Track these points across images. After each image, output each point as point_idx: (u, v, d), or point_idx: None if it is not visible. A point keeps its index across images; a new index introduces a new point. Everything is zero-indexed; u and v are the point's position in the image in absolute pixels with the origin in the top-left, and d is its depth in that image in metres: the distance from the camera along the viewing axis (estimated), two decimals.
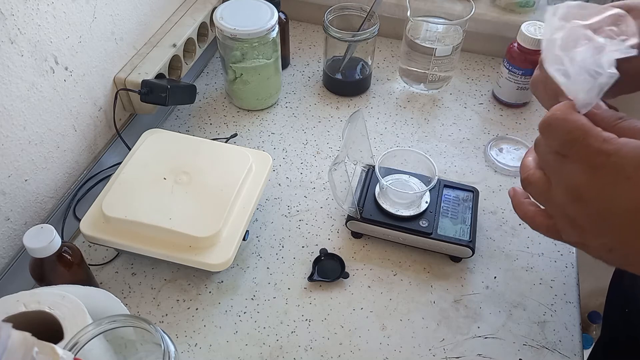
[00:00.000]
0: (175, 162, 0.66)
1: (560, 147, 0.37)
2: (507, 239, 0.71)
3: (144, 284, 0.66)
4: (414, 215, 0.67)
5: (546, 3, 0.93)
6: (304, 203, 0.75)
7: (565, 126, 0.36)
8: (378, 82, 0.93)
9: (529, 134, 0.84)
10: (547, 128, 0.38)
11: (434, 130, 0.85)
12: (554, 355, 0.60)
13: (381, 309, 0.64)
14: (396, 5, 0.94)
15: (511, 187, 0.46)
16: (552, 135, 0.37)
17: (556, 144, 0.37)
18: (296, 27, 1.03)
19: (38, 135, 0.64)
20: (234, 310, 0.64)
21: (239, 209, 0.64)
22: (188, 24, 0.85)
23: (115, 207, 0.61)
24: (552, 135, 0.37)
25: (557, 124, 0.37)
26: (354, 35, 0.83)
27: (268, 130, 0.85)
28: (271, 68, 0.83)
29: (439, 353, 0.60)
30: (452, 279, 0.67)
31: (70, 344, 0.41)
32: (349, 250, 0.70)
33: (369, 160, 0.74)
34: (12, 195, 0.62)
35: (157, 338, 0.42)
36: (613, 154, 0.33)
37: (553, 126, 0.37)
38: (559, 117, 0.37)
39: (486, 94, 0.91)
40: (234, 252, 0.61)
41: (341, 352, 0.60)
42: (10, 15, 0.56)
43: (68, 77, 0.67)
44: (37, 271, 0.55)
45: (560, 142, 0.37)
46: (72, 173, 0.72)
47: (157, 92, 0.74)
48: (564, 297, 0.65)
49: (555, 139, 0.37)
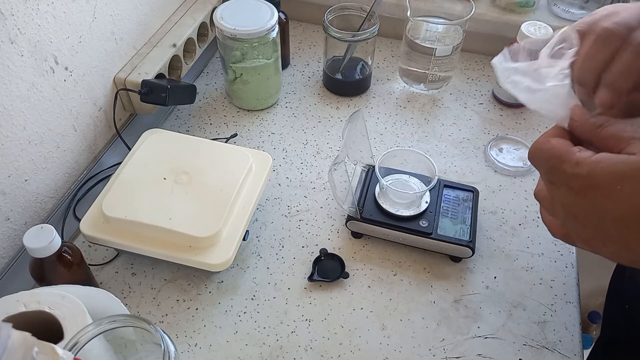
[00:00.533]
0: (175, 162, 0.66)
1: (545, 175, 0.39)
2: (507, 239, 0.71)
3: (144, 284, 0.66)
4: (414, 215, 0.67)
5: (546, 3, 0.93)
6: (304, 203, 0.75)
7: (542, 155, 0.38)
8: (378, 82, 0.93)
9: (529, 134, 0.84)
10: (531, 158, 0.40)
11: (434, 130, 0.85)
12: (554, 355, 0.60)
13: (381, 309, 0.64)
14: (396, 5, 0.94)
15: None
16: (536, 164, 0.40)
17: (542, 172, 0.39)
18: (296, 27, 1.03)
19: (38, 135, 0.64)
20: (234, 310, 0.64)
21: (239, 209, 0.64)
22: (188, 24, 0.85)
23: (115, 207, 0.61)
24: (536, 164, 0.40)
25: (535, 153, 0.39)
26: (354, 35, 0.83)
27: (268, 130, 0.85)
28: (271, 68, 0.83)
29: (439, 353, 0.60)
30: (452, 279, 0.67)
31: (70, 344, 0.41)
32: (349, 250, 0.70)
33: (369, 160, 0.74)
34: (12, 195, 0.62)
35: (157, 338, 0.42)
36: (586, 176, 0.35)
37: (534, 157, 0.39)
38: (536, 147, 0.39)
39: (486, 94, 0.91)
40: (234, 252, 0.61)
41: (341, 352, 0.60)
42: (10, 15, 0.56)
43: (68, 77, 0.67)
44: (37, 271, 0.55)
45: (543, 171, 0.39)
46: (72, 173, 0.72)
47: (157, 92, 0.74)
48: (564, 297, 0.65)
49: (540, 168, 0.39)
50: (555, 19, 0.90)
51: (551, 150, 0.37)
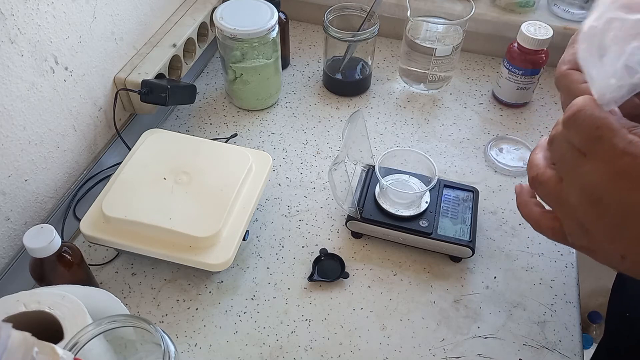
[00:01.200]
0: (175, 162, 0.66)
1: (583, 144, 0.34)
2: (507, 239, 0.71)
3: (144, 284, 0.66)
4: (414, 215, 0.67)
5: (546, 3, 0.93)
6: (304, 203, 0.75)
7: (592, 121, 0.33)
8: (378, 82, 0.93)
9: (529, 134, 0.84)
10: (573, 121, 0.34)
11: (434, 130, 0.85)
12: (554, 355, 0.60)
13: (381, 309, 0.64)
14: (396, 5, 0.94)
15: (518, 184, 0.43)
16: (577, 129, 0.34)
17: (579, 139, 0.34)
18: (296, 27, 1.03)
19: (38, 135, 0.64)
20: (234, 310, 0.64)
21: (239, 209, 0.64)
22: (188, 24, 0.85)
23: (115, 207, 0.61)
24: (577, 129, 0.34)
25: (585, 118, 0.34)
26: (354, 35, 0.83)
27: (268, 130, 0.85)
28: (271, 68, 0.83)
29: (439, 353, 0.60)
30: (452, 279, 0.67)
31: (70, 344, 0.41)
32: (349, 250, 0.70)
33: (369, 160, 0.74)
34: (12, 195, 0.62)
35: (157, 338, 0.42)
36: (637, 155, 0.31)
37: (580, 120, 0.34)
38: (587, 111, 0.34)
39: (486, 94, 0.91)
40: (234, 252, 0.61)
41: (341, 352, 0.60)
42: (10, 15, 0.56)
43: (68, 77, 0.67)
44: (37, 271, 0.55)
45: (584, 138, 0.34)
46: (72, 173, 0.72)
47: (157, 92, 0.74)
48: (564, 297, 0.65)
49: (580, 134, 0.34)
50: (555, 19, 0.90)
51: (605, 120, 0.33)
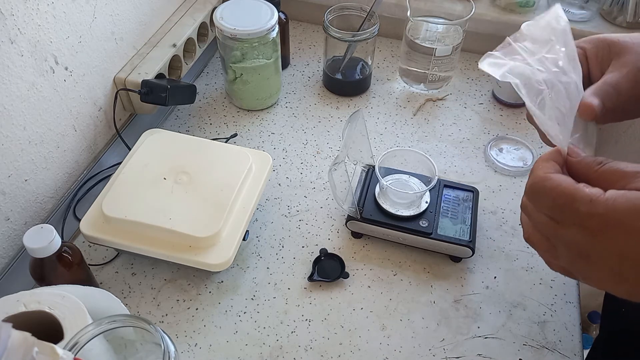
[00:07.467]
0: (175, 162, 0.66)
1: (551, 214, 0.36)
2: (507, 239, 0.71)
3: (144, 284, 0.66)
4: (414, 215, 0.67)
5: (546, 3, 0.93)
6: (304, 203, 0.75)
7: (549, 193, 0.35)
8: (378, 82, 0.93)
9: (528, 134, 0.84)
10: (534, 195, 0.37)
11: (434, 130, 0.85)
12: (554, 355, 0.60)
13: (381, 309, 0.64)
14: (396, 5, 0.94)
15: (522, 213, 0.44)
16: (539, 202, 0.37)
17: (546, 210, 0.36)
18: (296, 27, 1.03)
19: (38, 135, 0.64)
20: (234, 310, 0.64)
21: (239, 209, 0.64)
22: (188, 24, 0.85)
23: (115, 207, 0.61)
24: (539, 202, 0.37)
25: (541, 191, 0.36)
26: (354, 35, 0.83)
27: (268, 130, 0.85)
28: (271, 68, 0.83)
29: (439, 353, 0.60)
30: (452, 279, 0.67)
31: (70, 344, 0.41)
32: (349, 250, 0.70)
33: (369, 160, 0.74)
34: (12, 195, 0.62)
35: (157, 338, 0.42)
36: (604, 214, 0.32)
37: (538, 194, 0.36)
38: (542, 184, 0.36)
39: (486, 94, 0.91)
40: (234, 252, 0.61)
41: (341, 352, 0.60)
42: (10, 15, 0.56)
43: (68, 77, 0.67)
44: (37, 271, 0.55)
45: (549, 209, 0.36)
46: (72, 173, 0.72)
47: (157, 92, 0.74)
48: (564, 297, 0.65)
49: (544, 206, 0.36)
50: None
51: (558, 188, 0.35)
